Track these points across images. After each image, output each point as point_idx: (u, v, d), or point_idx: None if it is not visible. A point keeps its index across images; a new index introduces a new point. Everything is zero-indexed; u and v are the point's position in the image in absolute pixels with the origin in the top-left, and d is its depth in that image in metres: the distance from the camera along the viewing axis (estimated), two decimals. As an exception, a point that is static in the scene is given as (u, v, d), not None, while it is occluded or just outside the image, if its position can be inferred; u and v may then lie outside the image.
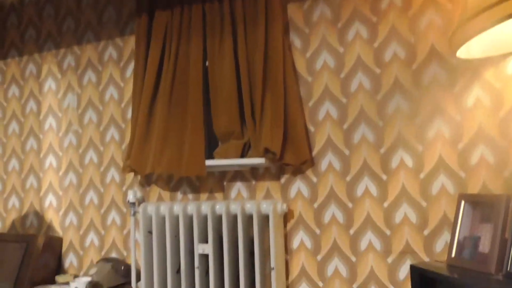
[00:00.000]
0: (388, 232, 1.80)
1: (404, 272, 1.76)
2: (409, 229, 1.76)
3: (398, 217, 1.79)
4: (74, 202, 2.46)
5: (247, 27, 2.01)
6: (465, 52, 1.59)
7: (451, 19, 1.77)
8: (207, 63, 2.17)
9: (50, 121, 2.56)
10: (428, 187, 1.75)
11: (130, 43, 2.38)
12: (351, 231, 1.86)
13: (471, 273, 1.33)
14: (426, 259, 1.72)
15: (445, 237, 1.71)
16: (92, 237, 2.40)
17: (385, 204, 1.81)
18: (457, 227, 1.51)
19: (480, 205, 1.46)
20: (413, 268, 1.49)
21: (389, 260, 1.79)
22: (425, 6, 1.81)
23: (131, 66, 2.37)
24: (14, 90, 2.69)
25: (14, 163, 2.65)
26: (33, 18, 2.69)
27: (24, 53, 2.68)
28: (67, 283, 2.17)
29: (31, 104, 2.63)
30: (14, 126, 2.67)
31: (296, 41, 2.03)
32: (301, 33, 2.02)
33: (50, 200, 2.52)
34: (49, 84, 2.59)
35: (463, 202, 1.52)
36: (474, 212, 1.48)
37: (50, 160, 2.54)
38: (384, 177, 1.82)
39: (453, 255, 1.49)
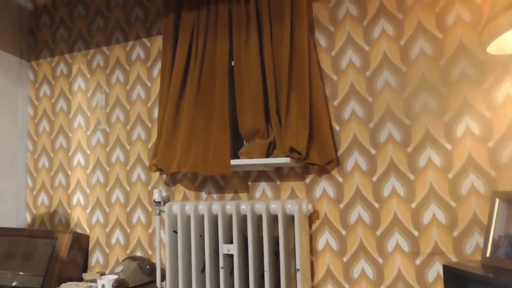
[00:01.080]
0: (416, 233, 1.82)
1: (433, 274, 1.78)
2: (438, 230, 1.79)
3: (426, 217, 1.82)
4: (101, 200, 2.56)
5: (272, 25, 2.07)
6: (495, 47, 1.62)
7: (480, 14, 1.81)
8: (233, 63, 2.25)
9: (79, 120, 2.68)
10: (457, 186, 1.78)
11: (157, 43, 2.49)
12: (378, 232, 1.90)
13: (508, 272, 1.32)
14: (455, 260, 1.73)
15: (476, 238, 1.73)
16: (118, 235, 2.48)
17: (413, 205, 1.84)
18: (492, 225, 1.50)
19: (515, 202, 1.46)
20: (446, 268, 1.49)
21: (418, 261, 1.81)
22: (453, 1, 1.85)
23: (158, 65, 2.47)
24: (45, 89, 2.83)
25: (44, 160, 2.78)
26: (65, 18, 2.82)
27: (55, 53, 2.82)
28: (93, 281, 2.27)
29: (61, 103, 2.76)
30: (44, 124, 2.80)
31: (322, 39, 2.09)
32: (327, 31, 2.09)
33: (78, 197, 2.63)
34: (79, 83, 2.71)
35: (497, 200, 1.52)
36: (509, 209, 1.48)
37: (78, 158, 2.65)
38: (412, 176, 1.86)
39: (487, 254, 1.47)
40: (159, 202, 2.26)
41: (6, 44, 2.75)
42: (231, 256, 2.01)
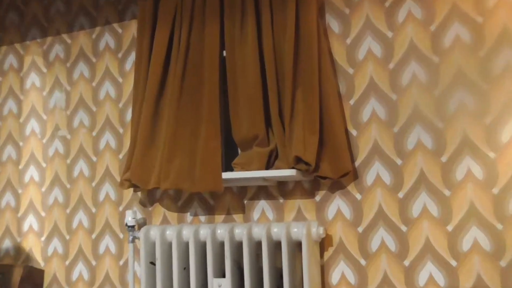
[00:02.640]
0: (453, 262, 1.83)
1: (475, 313, 1.79)
2: (481, 258, 1.80)
3: (466, 243, 1.83)
4: (59, 225, 2.54)
5: (273, 8, 2.10)
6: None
7: (528, -7, 1.84)
8: (224, 53, 2.26)
9: (33, 125, 2.67)
10: (504, 204, 1.79)
11: (130, 30, 2.50)
12: (406, 262, 1.90)
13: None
14: (502, 296, 1.74)
15: (528, 268, 1.74)
16: (80, 269, 2.47)
17: (449, 227, 1.85)
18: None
19: None
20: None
21: (456, 298, 1.83)
22: (495, -21, 1.88)
23: (132, 57, 2.48)
24: (-11, 87, 2.85)
25: (-12, 176, 2.77)
26: (16, -1, 2.85)
27: (3, 42, 2.82)
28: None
29: (10, 104, 2.76)
30: (-11, 131, 2.81)
31: (334, 25, 2.11)
32: (340, 15, 2.11)
33: (30, 222, 2.61)
34: (32, 79, 2.71)
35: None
36: None
37: (31, 172, 2.64)
38: (447, 192, 1.87)
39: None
40: (132, 227, 2.23)
41: None
42: (224, 293, 1.99)
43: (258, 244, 2.01)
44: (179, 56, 2.21)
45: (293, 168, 1.96)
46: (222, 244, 2.04)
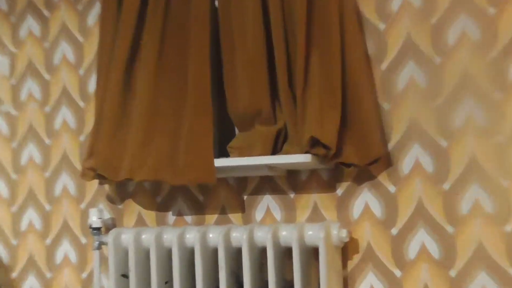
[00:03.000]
0: None
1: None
2: (551, 267, 1.77)
3: (530, 248, 1.80)
4: (3, 226, 2.55)
5: None
6: None
7: None
8: (216, 3, 2.25)
9: (-33, 98, 2.65)
10: None
11: None
12: (453, 272, 1.87)
13: None
14: None
15: None
16: (31, 284, 2.47)
17: (508, 227, 1.81)
18: None
19: None
20: None
21: (518, 318, 1.80)
22: None
23: (96, 9, 2.46)
24: None
25: None
26: None
27: None
28: None
29: None
30: None
31: (360, -33, 2.06)
32: (367, -46, 2.06)
33: (-34, 223, 2.58)
34: (-34, 39, 2.69)
35: None
36: None
37: (-34, 160, 2.62)
38: (505, 183, 1.83)
39: None
40: (98, 229, 2.24)
41: None
42: (218, 314, 2.00)
43: (262, 251, 2.02)
44: (158, 7, 2.20)
45: (307, 152, 1.92)
46: (215, 252, 2.04)
